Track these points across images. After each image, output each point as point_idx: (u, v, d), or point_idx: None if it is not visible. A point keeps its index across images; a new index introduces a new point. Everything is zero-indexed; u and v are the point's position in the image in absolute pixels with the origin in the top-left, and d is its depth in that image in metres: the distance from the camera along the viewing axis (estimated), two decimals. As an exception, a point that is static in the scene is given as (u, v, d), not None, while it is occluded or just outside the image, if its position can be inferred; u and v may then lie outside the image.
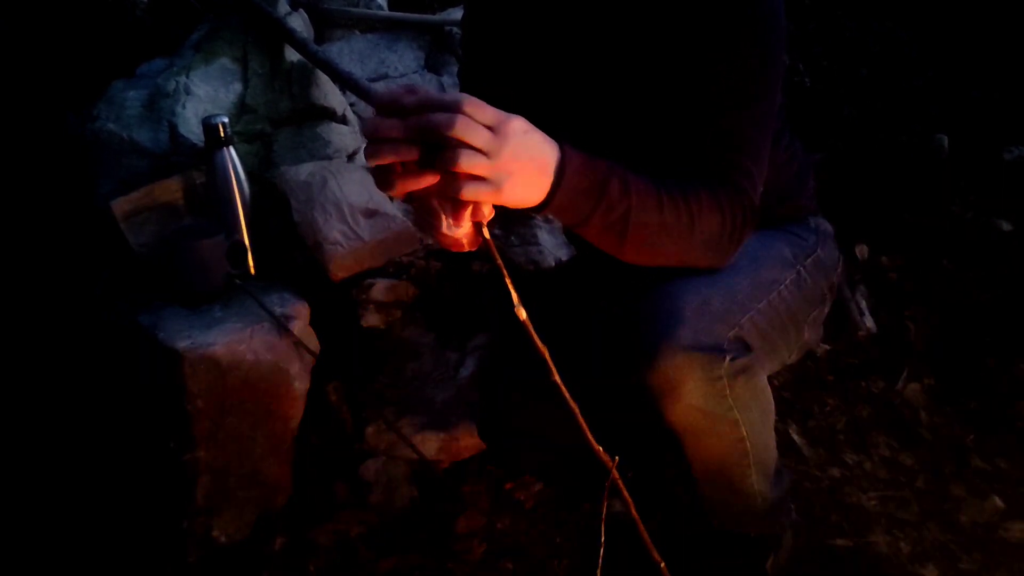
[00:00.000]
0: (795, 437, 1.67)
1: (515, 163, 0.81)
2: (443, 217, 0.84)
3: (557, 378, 0.87)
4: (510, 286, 0.84)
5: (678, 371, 1.03)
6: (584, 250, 1.47)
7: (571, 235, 1.48)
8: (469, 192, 0.79)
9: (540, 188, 0.86)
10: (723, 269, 1.10)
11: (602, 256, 1.37)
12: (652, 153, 1.10)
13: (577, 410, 0.90)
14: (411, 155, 0.79)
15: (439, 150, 0.79)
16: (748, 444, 1.13)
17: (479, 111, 0.79)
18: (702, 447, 1.13)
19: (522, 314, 0.85)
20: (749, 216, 1.05)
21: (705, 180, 1.02)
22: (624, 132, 1.14)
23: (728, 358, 1.05)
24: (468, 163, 0.78)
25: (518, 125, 0.82)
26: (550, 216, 0.92)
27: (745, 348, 1.08)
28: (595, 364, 1.30)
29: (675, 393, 1.04)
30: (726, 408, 1.08)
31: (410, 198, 0.84)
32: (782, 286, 1.17)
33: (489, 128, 0.79)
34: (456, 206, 0.83)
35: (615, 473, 0.94)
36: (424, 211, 0.85)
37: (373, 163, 0.81)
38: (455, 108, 0.78)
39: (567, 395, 0.88)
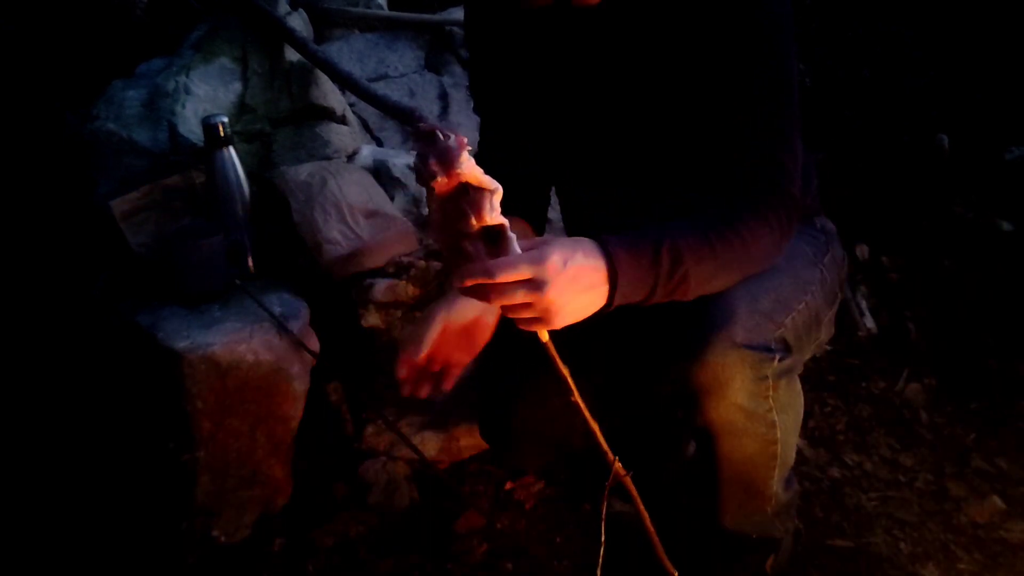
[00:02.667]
0: (796, 437, 1.67)
1: (563, 296, 0.86)
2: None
3: (578, 398, 0.89)
4: None
5: (728, 368, 1.02)
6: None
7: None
8: (523, 327, 0.87)
9: (598, 298, 0.91)
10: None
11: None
12: (683, 172, 1.10)
13: (597, 428, 0.91)
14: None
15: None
16: (779, 446, 1.13)
17: (512, 272, 0.84)
18: (736, 447, 1.12)
19: (544, 336, 0.87)
20: (793, 213, 1.05)
21: (743, 192, 1.02)
22: (652, 157, 1.13)
23: (776, 358, 1.05)
24: (515, 313, 0.87)
25: (556, 260, 0.86)
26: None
27: (788, 348, 1.08)
28: (610, 364, 1.30)
29: (722, 390, 1.04)
30: (766, 409, 1.08)
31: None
32: (814, 286, 1.18)
33: (529, 279, 0.84)
34: None
35: (628, 482, 0.95)
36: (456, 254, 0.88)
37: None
38: (488, 281, 0.84)
39: (587, 415, 0.90)
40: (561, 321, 0.87)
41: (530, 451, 1.42)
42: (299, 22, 2.05)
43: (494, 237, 0.85)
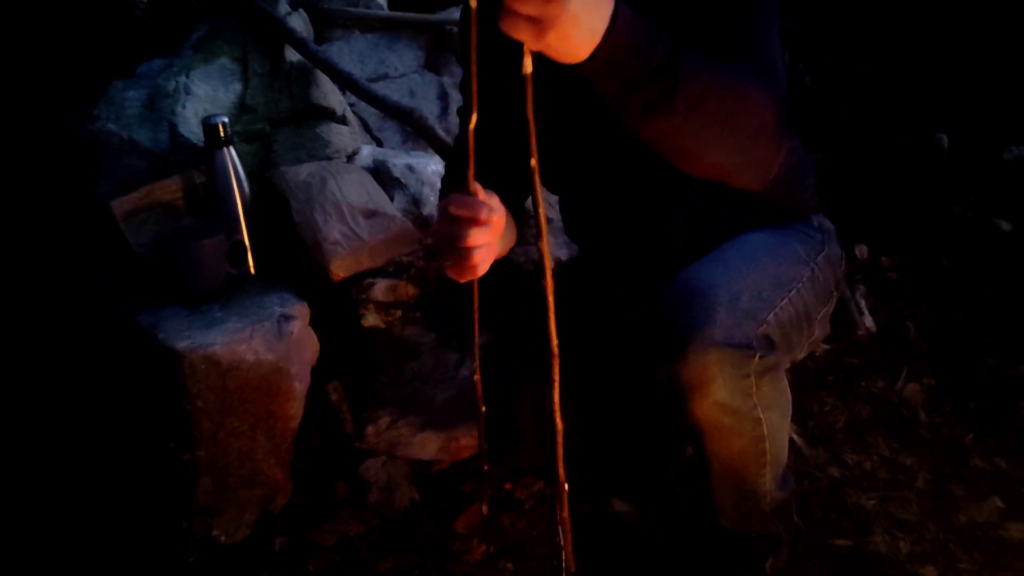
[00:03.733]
0: (795, 437, 1.67)
1: (580, 11, 0.77)
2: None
3: (554, 338, 0.82)
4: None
5: (709, 367, 1.03)
6: (589, 249, 1.47)
7: (574, 234, 1.48)
8: (512, 31, 0.77)
9: (587, 40, 0.81)
10: (747, 264, 1.10)
11: (607, 254, 1.38)
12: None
13: (556, 385, 0.83)
14: None
15: None
16: (767, 444, 1.14)
17: None
18: (723, 445, 1.13)
19: (528, 67, 0.78)
20: (785, 108, 1.01)
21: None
22: (643, 150, 1.13)
23: (757, 356, 1.05)
24: (525, 6, 0.75)
25: None
26: (593, 78, 0.86)
27: (771, 345, 1.08)
28: (611, 359, 1.30)
29: (704, 389, 1.04)
30: (751, 406, 1.08)
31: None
32: (800, 283, 1.18)
33: None
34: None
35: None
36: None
37: None
38: None
39: (556, 364, 0.83)
40: (555, 39, 0.78)
41: (530, 450, 1.42)
42: (299, 22, 2.06)
43: None
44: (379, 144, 2.12)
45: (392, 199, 1.79)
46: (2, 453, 1.56)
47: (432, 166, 1.90)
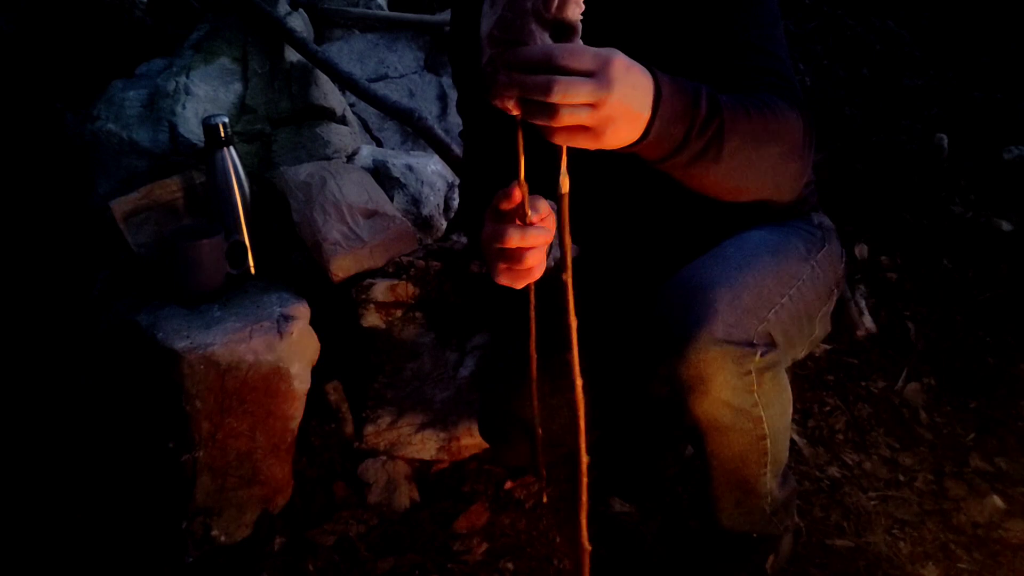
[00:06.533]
0: (795, 437, 1.67)
1: (620, 107, 0.78)
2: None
3: (575, 353, 0.83)
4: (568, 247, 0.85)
5: (710, 364, 1.02)
6: (589, 247, 1.47)
7: (575, 233, 1.48)
8: (568, 142, 0.77)
9: (640, 123, 0.82)
10: (748, 261, 1.10)
11: (608, 252, 1.38)
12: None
13: (580, 389, 0.85)
14: (512, 108, 0.78)
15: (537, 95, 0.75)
16: (768, 442, 1.13)
17: (576, 60, 0.75)
18: (724, 443, 1.12)
19: (565, 187, 0.82)
20: (810, 118, 1.03)
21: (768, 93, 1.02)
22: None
23: (759, 353, 1.05)
24: (571, 119, 0.76)
25: (620, 63, 0.78)
26: (641, 153, 0.87)
27: (772, 343, 1.08)
28: (610, 358, 1.29)
29: (705, 386, 1.04)
30: (752, 404, 1.08)
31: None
32: (800, 281, 1.17)
33: (591, 73, 0.76)
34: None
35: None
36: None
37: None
38: (548, 65, 0.74)
39: (576, 369, 0.84)
40: (609, 138, 0.79)
41: (531, 450, 1.42)
42: (299, 22, 2.06)
43: (564, 32, 0.77)
44: (379, 144, 2.12)
45: (392, 199, 1.79)
46: (2, 453, 1.56)
47: (432, 166, 1.90)
